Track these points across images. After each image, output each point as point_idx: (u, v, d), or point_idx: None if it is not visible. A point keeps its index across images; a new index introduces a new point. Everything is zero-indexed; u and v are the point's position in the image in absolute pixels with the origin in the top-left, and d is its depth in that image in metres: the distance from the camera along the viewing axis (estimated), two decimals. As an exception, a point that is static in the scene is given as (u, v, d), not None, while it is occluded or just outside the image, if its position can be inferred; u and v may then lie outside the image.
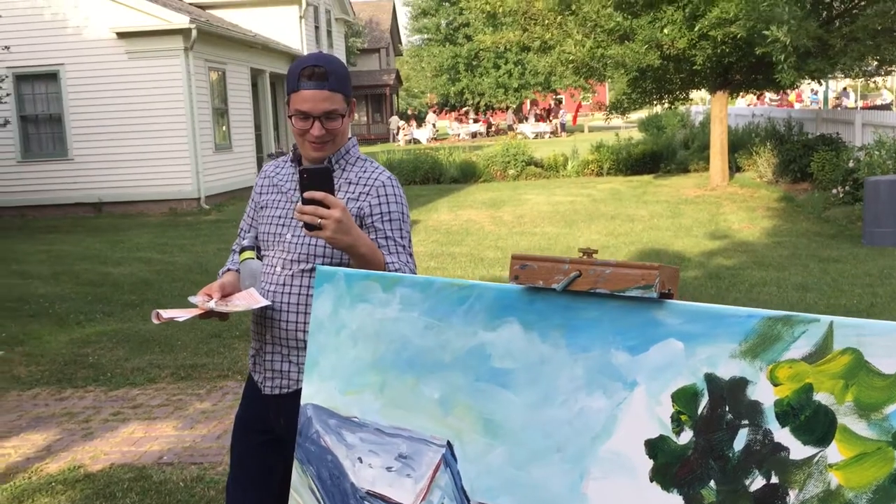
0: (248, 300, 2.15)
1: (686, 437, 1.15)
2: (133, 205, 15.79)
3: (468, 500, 1.31)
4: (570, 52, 14.17)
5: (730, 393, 1.12)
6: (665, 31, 13.46)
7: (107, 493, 4.00)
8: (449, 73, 43.88)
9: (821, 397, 1.07)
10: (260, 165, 19.75)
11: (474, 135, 42.01)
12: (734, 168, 16.78)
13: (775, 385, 1.09)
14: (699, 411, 1.14)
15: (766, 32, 10.77)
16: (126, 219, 15.00)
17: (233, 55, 18.06)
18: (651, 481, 1.16)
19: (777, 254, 9.19)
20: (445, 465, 1.34)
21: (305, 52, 22.49)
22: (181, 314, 2.12)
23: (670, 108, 18.15)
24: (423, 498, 1.36)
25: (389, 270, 2.02)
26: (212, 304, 2.12)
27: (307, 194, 1.90)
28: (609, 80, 17.45)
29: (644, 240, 10.44)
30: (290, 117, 2.19)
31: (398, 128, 41.53)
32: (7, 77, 14.98)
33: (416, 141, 39.43)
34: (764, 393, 1.10)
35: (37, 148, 16.09)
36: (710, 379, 1.14)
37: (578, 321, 1.26)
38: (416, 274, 2.08)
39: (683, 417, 1.15)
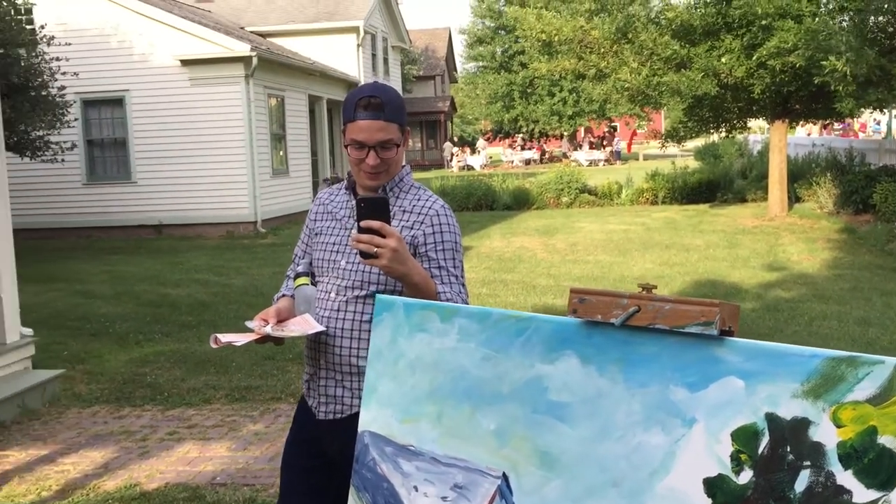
0: (304, 326, 2.18)
1: (746, 476, 1.14)
2: (192, 227, 16.13)
3: (523, 533, 1.31)
4: (626, 80, 14.14)
5: (791, 433, 1.11)
6: (723, 59, 13.35)
7: (162, 511, 4.06)
8: (503, 100, 44.04)
9: (885, 440, 1.05)
10: (315, 190, 20.04)
11: (528, 162, 42.03)
12: (793, 198, 16.48)
13: (838, 426, 1.08)
14: (760, 451, 1.13)
15: (823, 63, 10.61)
16: (185, 241, 15.33)
17: (291, 82, 18.41)
18: (710, 520, 1.15)
19: (838, 287, 8.98)
20: (501, 496, 1.34)
21: (362, 79, 22.84)
22: (238, 339, 2.15)
23: (728, 136, 17.95)
24: (477, 529, 1.37)
25: (441, 300, 2.02)
26: (268, 329, 2.15)
27: (364, 223, 1.93)
28: (665, 107, 17.36)
29: (700, 270, 10.30)
30: (346, 146, 2.23)
31: (451, 154, 41.76)
32: (75, 102, 15.49)
33: (470, 167, 39.57)
34: (826, 434, 1.09)
35: (101, 171, 16.57)
36: (772, 418, 1.13)
37: (637, 356, 1.26)
38: (467, 303, 2.09)
39: (743, 457, 1.14)
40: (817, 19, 11.85)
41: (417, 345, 1.52)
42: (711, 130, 17.15)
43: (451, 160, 41.32)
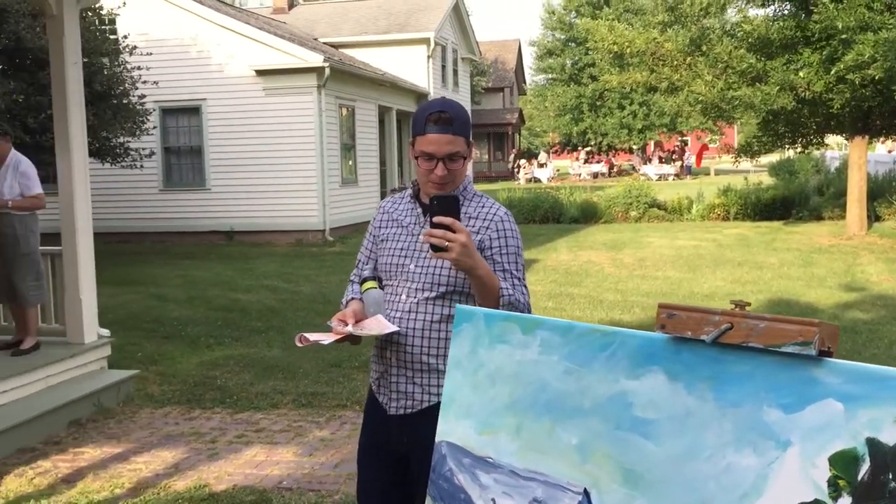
0: (380, 325, 2.32)
1: (844, 503, 1.09)
2: (262, 234, 16.43)
3: (604, 552, 1.28)
4: (700, 93, 13.90)
5: (894, 460, 1.06)
6: (801, 73, 13.03)
7: (229, 513, 4.11)
8: (572, 112, 43.79)
9: None
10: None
11: (596, 175, 41.68)
12: (873, 217, 15.96)
13: (946, 455, 1.03)
14: (859, 477, 1.08)
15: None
16: (255, 247, 15.61)
17: (362, 92, 18.64)
18: (805, 547, 1.10)
19: (920, 309, 8.64)
20: (582, 513, 1.31)
21: (432, 91, 22.98)
22: (323, 338, 2.28)
23: (803, 152, 17.50)
24: (557, 545, 1.34)
25: (503, 294, 2.20)
26: (349, 329, 2.29)
27: (436, 219, 2.07)
28: (738, 122, 17.01)
29: (773, 289, 10.03)
30: (415, 158, 2.35)
31: (518, 166, 41.73)
32: (155, 110, 15.95)
33: (537, 180, 39.44)
34: (933, 462, 1.04)
35: (177, 178, 17.02)
36: (873, 444, 1.08)
37: (728, 375, 1.22)
38: (529, 303, 2.28)
39: (841, 483, 1.09)
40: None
41: (498, 356, 1.50)
42: (787, 146, 16.74)
43: (518, 171, 41.31)
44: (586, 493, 1.32)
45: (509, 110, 46.07)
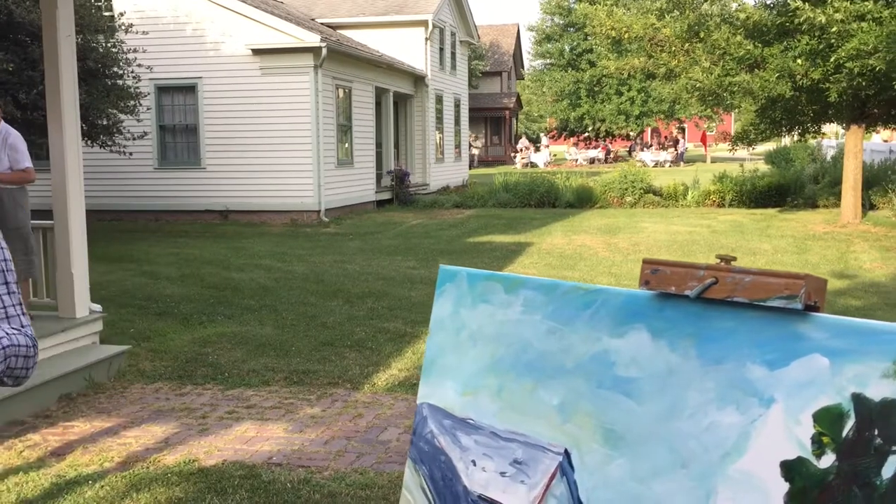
0: None
1: (828, 460, 1.07)
2: (257, 214, 16.38)
3: (584, 512, 1.26)
4: (697, 80, 13.84)
5: (880, 416, 1.03)
6: (798, 61, 12.97)
7: (218, 487, 4.10)
8: (570, 98, 43.68)
9: (984, 425, 0.97)
10: (379, 182, 20.16)
11: (592, 160, 41.65)
12: (867, 205, 15.96)
13: (932, 410, 1.01)
14: (844, 434, 1.06)
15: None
16: (249, 227, 15.56)
17: (359, 74, 18.54)
18: (786, 506, 1.09)
19: (913, 297, 8.64)
20: (562, 473, 1.29)
21: (429, 73, 22.89)
22: None
23: (800, 140, 17.47)
24: (536, 506, 1.32)
25: None
26: None
27: None
28: (736, 109, 16.97)
29: (767, 274, 10.02)
30: None
31: (518, 150, 41.77)
32: (150, 92, 15.84)
33: (534, 165, 39.40)
34: (919, 417, 1.01)
35: (172, 156, 16.94)
36: (858, 399, 1.06)
37: (712, 331, 1.20)
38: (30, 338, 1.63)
39: (826, 439, 1.07)
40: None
41: (480, 316, 1.48)
42: (783, 134, 16.70)
43: (520, 154, 41.35)
44: (567, 453, 1.30)
45: (507, 95, 45.93)
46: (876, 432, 1.03)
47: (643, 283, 1.26)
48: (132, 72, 13.07)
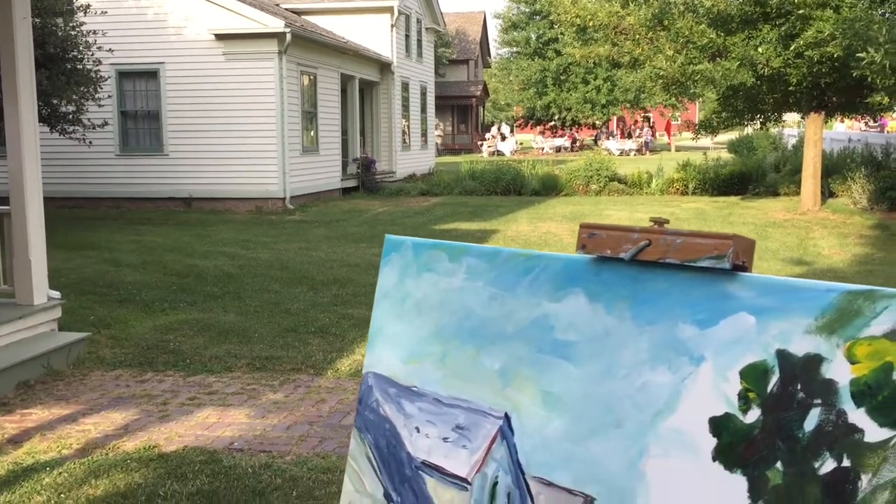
0: None
1: (753, 415, 1.10)
2: (221, 201, 16.24)
3: (523, 474, 1.28)
4: (661, 68, 13.95)
5: (802, 370, 1.06)
6: (760, 49, 13.12)
7: (178, 473, 4.08)
8: (536, 86, 43.79)
9: (901, 377, 1.00)
10: (345, 170, 20.07)
11: (558, 149, 41.84)
12: (827, 193, 16.22)
13: (852, 363, 1.03)
14: (769, 389, 1.09)
15: (860, 55, 10.36)
16: (213, 214, 15.43)
17: (324, 60, 18.42)
18: (714, 461, 1.11)
19: (868, 282, 8.81)
20: (502, 437, 1.31)
21: (395, 60, 22.80)
22: None
23: (762, 128, 17.70)
24: (477, 470, 1.34)
25: None
26: None
27: None
28: (700, 98, 17.13)
29: (728, 260, 10.16)
30: None
31: (489, 137, 41.95)
32: (110, 77, 15.60)
33: (500, 153, 39.48)
34: (840, 371, 1.04)
35: (134, 143, 16.73)
36: (782, 355, 1.09)
37: (646, 293, 1.22)
38: None
39: (751, 395, 1.10)
40: (856, 9, 11.59)
41: (424, 285, 1.49)
42: (746, 122, 16.91)
43: (493, 140, 41.48)
44: (507, 417, 1.32)
45: (473, 83, 45.93)
46: (799, 387, 1.07)
47: (580, 247, 1.28)
48: (92, 55, 12.85)
